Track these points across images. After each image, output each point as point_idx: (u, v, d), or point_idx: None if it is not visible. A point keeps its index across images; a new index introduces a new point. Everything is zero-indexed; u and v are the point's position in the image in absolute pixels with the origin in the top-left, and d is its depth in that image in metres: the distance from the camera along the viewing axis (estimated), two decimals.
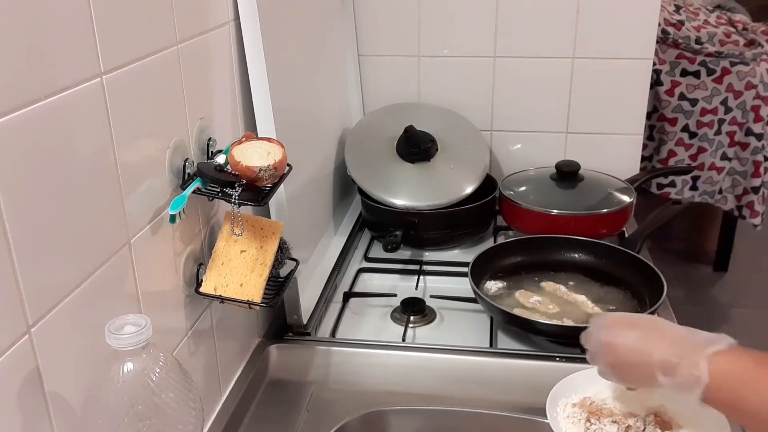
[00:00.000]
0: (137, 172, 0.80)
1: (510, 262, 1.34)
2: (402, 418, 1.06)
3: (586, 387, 0.98)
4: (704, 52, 2.23)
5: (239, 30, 1.04)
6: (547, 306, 1.22)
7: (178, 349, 0.91)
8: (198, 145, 0.93)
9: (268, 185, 0.93)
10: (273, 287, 1.00)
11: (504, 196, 1.49)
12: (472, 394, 1.09)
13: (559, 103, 1.61)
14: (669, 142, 2.29)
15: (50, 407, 0.67)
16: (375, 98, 1.66)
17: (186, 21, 0.88)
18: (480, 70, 1.61)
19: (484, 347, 1.18)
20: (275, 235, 0.98)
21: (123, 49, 0.75)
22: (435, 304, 1.29)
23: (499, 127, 1.66)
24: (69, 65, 0.67)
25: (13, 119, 0.60)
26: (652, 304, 1.17)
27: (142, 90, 0.80)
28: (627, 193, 1.48)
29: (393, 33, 1.61)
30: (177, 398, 0.69)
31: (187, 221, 0.92)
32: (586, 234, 1.36)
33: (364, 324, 1.27)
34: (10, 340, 0.62)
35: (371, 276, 1.42)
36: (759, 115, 2.28)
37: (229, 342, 1.08)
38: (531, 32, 1.56)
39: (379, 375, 1.13)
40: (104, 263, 0.74)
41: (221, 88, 1.01)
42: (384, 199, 1.44)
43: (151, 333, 0.66)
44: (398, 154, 1.50)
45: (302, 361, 1.16)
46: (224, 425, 1.01)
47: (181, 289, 0.91)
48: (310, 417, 1.05)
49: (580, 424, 0.92)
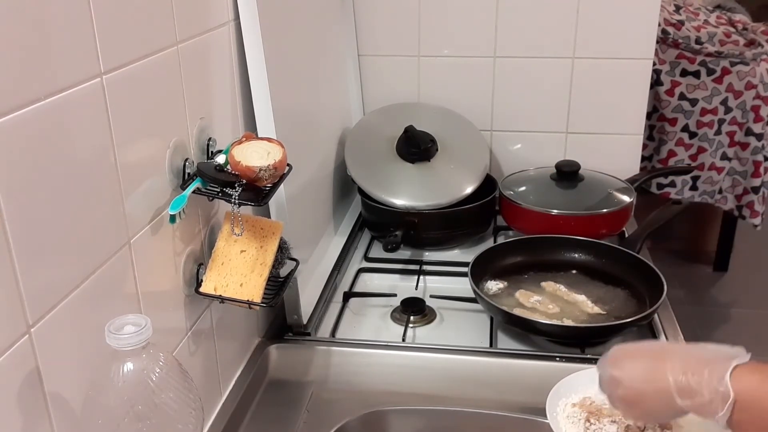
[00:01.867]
0: (137, 172, 0.80)
1: (510, 262, 1.34)
2: (402, 418, 1.06)
3: (586, 387, 0.98)
4: (704, 52, 2.23)
5: (239, 30, 1.04)
6: (547, 306, 1.22)
7: (178, 349, 0.91)
8: (198, 145, 0.93)
9: (268, 185, 0.93)
10: (273, 287, 1.00)
11: (504, 196, 1.49)
12: (472, 394, 1.09)
13: (559, 103, 1.61)
14: (669, 142, 2.29)
15: (50, 407, 0.67)
16: (375, 98, 1.66)
17: (186, 21, 0.88)
18: (480, 70, 1.61)
19: (484, 347, 1.18)
20: (275, 235, 0.98)
21: (123, 49, 0.75)
22: (435, 304, 1.29)
23: (499, 127, 1.66)
24: (69, 65, 0.67)
25: (13, 119, 0.60)
26: (652, 304, 1.17)
27: (142, 90, 0.80)
28: (627, 193, 1.48)
29: (393, 33, 1.61)
30: (177, 398, 0.69)
31: (187, 221, 0.92)
32: (586, 234, 1.36)
33: (364, 324, 1.27)
34: (10, 340, 0.62)
35: (371, 276, 1.42)
36: (759, 115, 2.28)
37: (229, 342, 1.08)
38: (531, 32, 1.56)
39: (379, 375, 1.13)
40: (104, 263, 0.74)
41: (221, 88, 1.01)
42: (384, 199, 1.44)
43: (151, 333, 0.66)
44: (398, 154, 1.50)
45: (302, 361, 1.16)
46: (224, 425, 1.01)
47: (181, 289, 0.91)
48: (310, 417, 1.05)
49: (579, 424, 0.92)
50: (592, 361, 1.09)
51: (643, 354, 0.81)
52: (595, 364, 0.87)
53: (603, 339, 1.18)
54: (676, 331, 1.19)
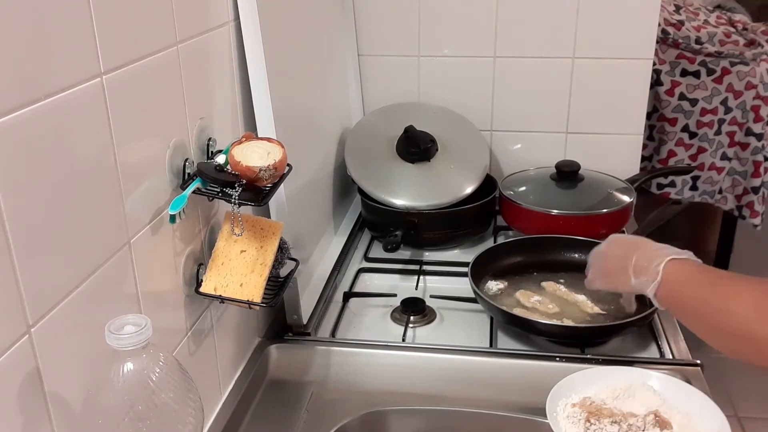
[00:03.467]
0: (137, 172, 0.80)
1: (510, 262, 1.34)
2: (402, 418, 1.06)
3: (586, 387, 0.98)
4: (704, 52, 2.22)
5: (239, 30, 1.04)
6: (547, 306, 1.22)
7: (178, 349, 0.91)
8: (198, 145, 0.93)
9: (268, 185, 0.93)
10: (273, 287, 1.00)
11: (504, 196, 1.49)
12: (472, 394, 1.09)
13: (559, 103, 1.61)
14: (669, 142, 2.29)
15: (50, 407, 0.67)
16: (375, 98, 1.66)
17: (186, 21, 0.88)
18: (480, 70, 1.61)
19: (484, 347, 1.18)
20: (275, 235, 0.98)
21: (123, 49, 0.75)
22: (435, 304, 1.29)
23: (499, 127, 1.66)
24: (69, 65, 0.67)
25: (13, 119, 0.60)
26: (652, 304, 1.17)
27: (142, 90, 0.80)
28: (627, 193, 1.48)
29: (393, 33, 1.61)
30: (177, 398, 0.69)
31: (187, 221, 0.92)
32: (586, 234, 1.36)
33: (364, 324, 1.26)
34: (10, 340, 0.62)
35: (371, 276, 1.42)
36: (759, 115, 2.28)
37: (229, 342, 1.08)
38: (531, 32, 1.56)
39: (379, 375, 1.13)
40: (104, 263, 0.74)
41: (221, 88, 1.01)
42: (384, 199, 1.44)
43: (151, 333, 0.66)
44: (398, 154, 1.50)
45: (302, 361, 1.16)
46: (224, 425, 1.01)
47: (181, 289, 0.91)
48: (310, 417, 1.05)
49: (579, 424, 0.92)
50: (592, 361, 1.09)
51: (625, 242, 1.07)
52: (595, 363, 1.01)
53: (603, 339, 1.18)
54: (677, 331, 1.19)
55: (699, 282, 0.92)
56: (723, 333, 0.87)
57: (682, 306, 0.94)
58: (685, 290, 0.93)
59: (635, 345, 1.18)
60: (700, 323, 0.91)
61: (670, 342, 1.17)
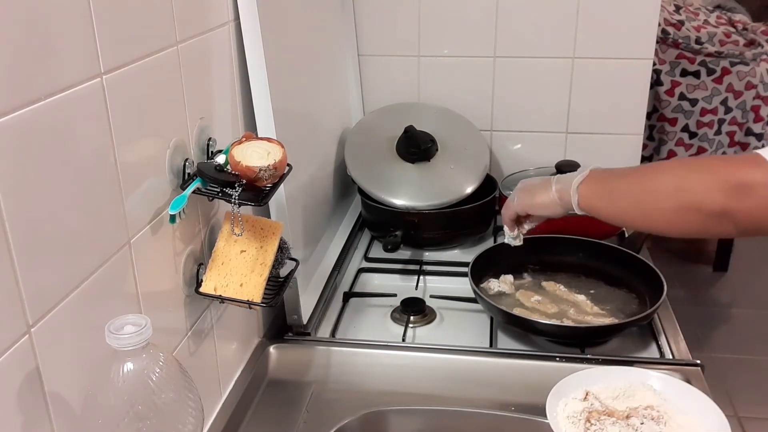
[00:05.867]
0: (137, 172, 0.80)
1: (510, 262, 1.34)
2: (402, 418, 1.06)
3: (586, 387, 0.98)
4: (704, 52, 2.23)
5: (239, 30, 1.04)
6: (547, 306, 1.22)
7: (178, 349, 0.91)
8: (198, 145, 0.93)
9: (268, 185, 0.93)
10: (273, 287, 1.00)
11: (504, 196, 1.48)
12: (472, 394, 1.09)
13: (559, 103, 1.61)
14: (669, 142, 2.29)
15: (50, 407, 0.67)
16: (375, 98, 1.66)
17: (186, 21, 0.88)
18: (480, 70, 1.61)
19: (484, 347, 1.18)
20: (275, 235, 0.98)
21: (123, 49, 0.75)
22: (435, 304, 1.29)
23: (499, 127, 1.66)
24: (69, 65, 0.67)
25: (13, 119, 0.60)
26: (652, 304, 1.17)
27: (142, 90, 0.80)
28: None
29: (393, 33, 1.61)
30: (177, 398, 0.69)
31: (187, 221, 0.92)
32: (586, 234, 1.36)
33: (364, 324, 1.27)
34: (10, 340, 0.62)
35: (371, 276, 1.42)
36: (759, 115, 2.28)
37: (229, 342, 1.08)
38: (531, 32, 1.56)
39: (379, 375, 1.13)
40: (104, 263, 0.74)
41: (221, 88, 1.01)
42: (384, 199, 1.44)
43: (151, 333, 0.66)
44: (398, 154, 1.50)
45: (302, 361, 1.16)
46: (224, 425, 1.01)
47: (181, 289, 0.91)
48: (310, 417, 1.05)
49: (580, 424, 0.92)
50: (592, 361, 1.09)
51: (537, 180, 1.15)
52: (595, 363, 0.99)
53: (603, 339, 1.18)
54: (677, 331, 1.19)
55: (621, 171, 1.02)
56: (656, 209, 0.94)
57: (607, 195, 1.01)
58: (611, 178, 1.02)
59: (635, 345, 1.18)
60: (629, 206, 0.98)
61: (670, 342, 1.17)
